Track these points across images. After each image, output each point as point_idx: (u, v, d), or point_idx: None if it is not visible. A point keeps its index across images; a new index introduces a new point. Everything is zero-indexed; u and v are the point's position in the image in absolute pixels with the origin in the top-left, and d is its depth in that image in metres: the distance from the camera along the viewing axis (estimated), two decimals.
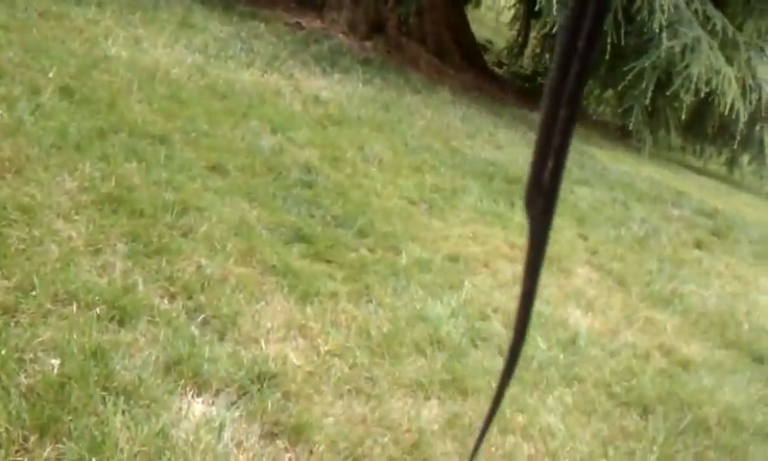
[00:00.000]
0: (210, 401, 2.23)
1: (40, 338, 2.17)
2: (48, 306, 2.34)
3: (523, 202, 0.45)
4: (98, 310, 2.39)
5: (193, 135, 4.09)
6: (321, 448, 2.19)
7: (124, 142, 3.66)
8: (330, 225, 3.69)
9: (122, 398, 2.07)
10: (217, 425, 2.12)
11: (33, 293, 2.35)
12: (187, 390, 2.23)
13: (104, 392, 2.07)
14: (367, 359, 2.70)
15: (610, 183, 6.61)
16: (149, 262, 2.78)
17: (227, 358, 2.41)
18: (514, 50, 11.55)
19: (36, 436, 1.87)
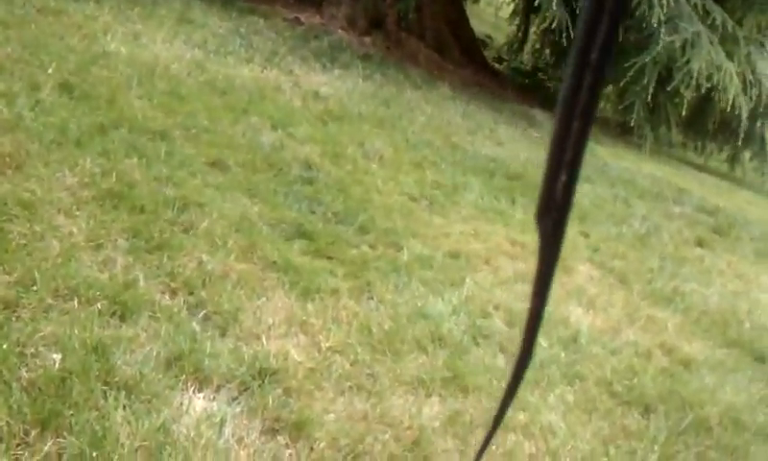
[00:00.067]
0: (211, 397, 2.22)
1: (41, 333, 2.17)
2: (49, 301, 2.33)
3: (535, 217, 0.44)
4: (99, 305, 2.39)
5: (193, 131, 4.08)
6: (321, 444, 2.19)
7: (124, 138, 3.65)
8: (331, 221, 3.69)
9: (123, 393, 2.06)
10: (218, 421, 2.11)
11: (34, 288, 2.35)
12: (188, 385, 2.23)
13: (105, 387, 2.07)
14: (368, 356, 2.69)
15: (611, 180, 6.61)
16: (150, 258, 2.77)
17: (228, 354, 2.41)
18: (513, 45, 11.52)
19: (37, 430, 1.86)
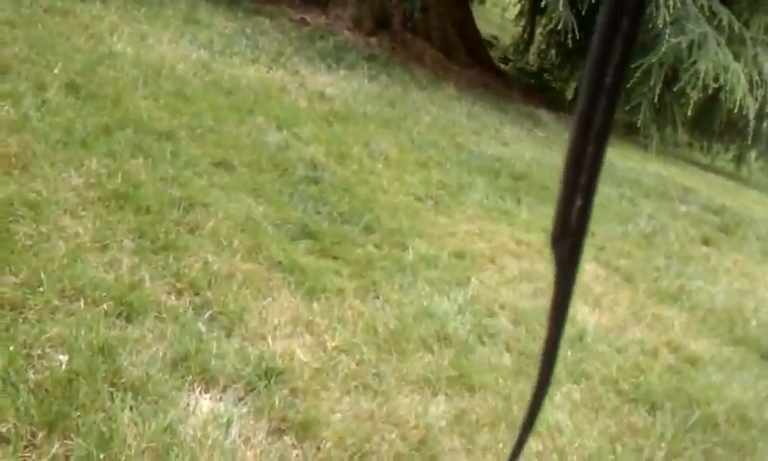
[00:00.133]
0: (218, 398, 2.23)
1: (48, 334, 2.17)
2: (55, 302, 2.34)
3: (550, 243, 0.43)
4: (105, 306, 2.39)
5: (199, 131, 4.09)
6: (328, 444, 2.19)
7: (130, 138, 3.66)
8: (337, 221, 3.69)
9: (129, 394, 2.07)
10: (224, 422, 2.11)
11: (40, 289, 2.35)
12: (195, 386, 2.23)
13: (111, 388, 2.07)
14: (374, 355, 2.69)
15: (617, 180, 6.59)
16: (156, 258, 2.78)
17: (234, 354, 2.41)
18: (519, 46, 11.51)
19: (45, 432, 1.86)
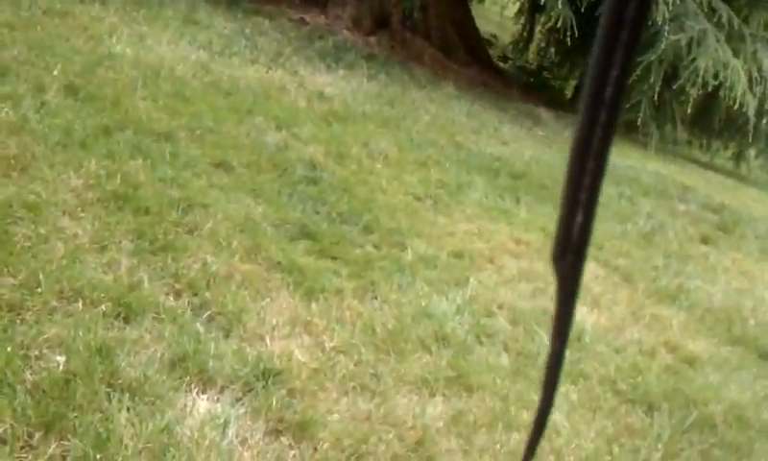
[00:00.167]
0: (215, 398, 2.23)
1: (46, 335, 2.18)
2: (54, 303, 2.34)
3: (552, 259, 0.43)
4: (103, 307, 2.40)
5: (198, 132, 4.09)
6: (325, 445, 2.19)
7: (129, 139, 3.66)
8: (335, 221, 3.69)
9: (127, 394, 2.07)
10: (222, 422, 2.12)
11: (38, 290, 2.36)
12: (192, 387, 2.24)
13: (109, 389, 2.08)
14: (372, 356, 2.69)
15: (616, 178, 6.59)
16: (154, 259, 2.79)
17: (232, 355, 2.41)
18: (519, 45, 11.51)
19: (42, 433, 1.87)
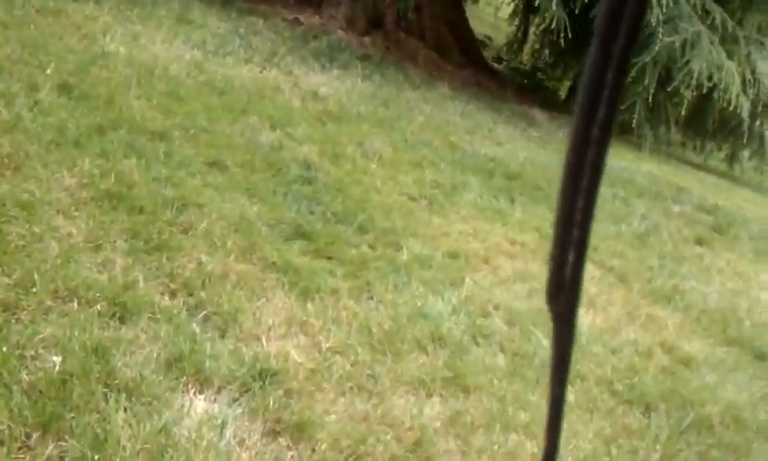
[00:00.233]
0: (212, 399, 2.22)
1: (41, 335, 2.16)
2: (49, 303, 2.32)
3: (546, 300, 0.43)
4: (99, 307, 2.38)
5: (192, 132, 4.07)
6: (323, 445, 2.18)
7: (123, 139, 3.64)
8: (330, 221, 3.68)
9: (124, 395, 2.06)
10: (219, 423, 2.11)
11: (33, 290, 2.34)
12: (189, 387, 2.22)
13: (105, 389, 2.06)
14: (368, 356, 2.68)
15: (610, 179, 6.60)
16: (149, 259, 2.77)
17: (228, 355, 2.40)
18: (513, 46, 11.51)
19: (38, 433, 1.85)
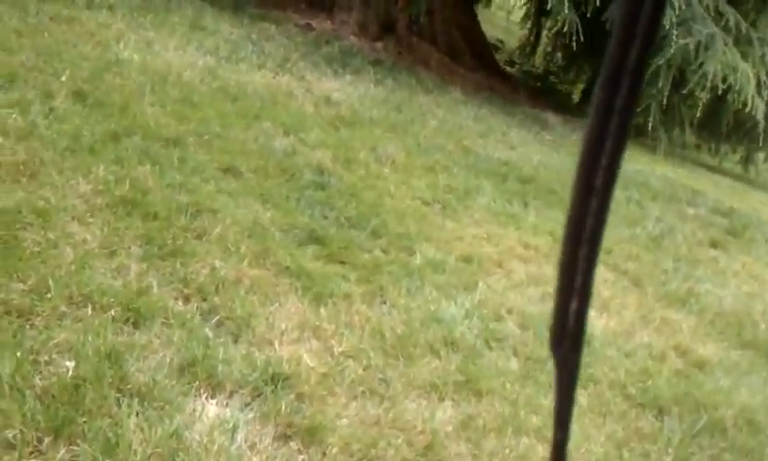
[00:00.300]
0: (224, 403, 2.23)
1: (55, 340, 2.18)
2: (63, 309, 2.35)
3: (550, 347, 0.44)
4: (113, 312, 2.40)
5: (206, 138, 4.10)
6: (334, 449, 2.19)
7: (137, 145, 3.67)
8: (344, 226, 3.69)
9: (136, 399, 2.07)
10: (231, 427, 2.12)
11: (48, 295, 2.36)
12: (201, 392, 2.23)
13: (118, 394, 2.08)
14: (381, 361, 2.69)
15: (624, 182, 6.56)
16: (163, 264, 2.79)
17: (240, 360, 2.41)
18: (525, 49, 11.49)
19: (51, 438, 1.87)
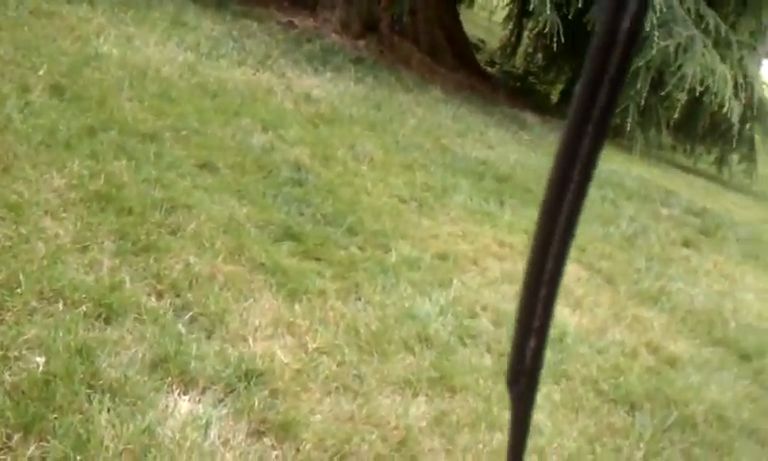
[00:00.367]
0: (197, 399, 2.23)
1: (26, 336, 2.17)
2: (34, 304, 2.33)
3: (506, 384, 0.46)
4: (84, 308, 2.39)
5: (183, 133, 4.08)
6: (308, 445, 2.20)
7: (113, 140, 3.65)
8: (320, 223, 3.70)
9: (108, 395, 2.07)
10: (203, 423, 2.12)
11: (18, 290, 2.35)
12: (174, 388, 2.23)
13: (89, 390, 2.07)
14: (355, 357, 2.70)
15: (599, 182, 6.62)
16: (136, 260, 2.78)
17: (214, 356, 2.41)
18: (506, 50, 11.54)
19: (21, 434, 1.86)
